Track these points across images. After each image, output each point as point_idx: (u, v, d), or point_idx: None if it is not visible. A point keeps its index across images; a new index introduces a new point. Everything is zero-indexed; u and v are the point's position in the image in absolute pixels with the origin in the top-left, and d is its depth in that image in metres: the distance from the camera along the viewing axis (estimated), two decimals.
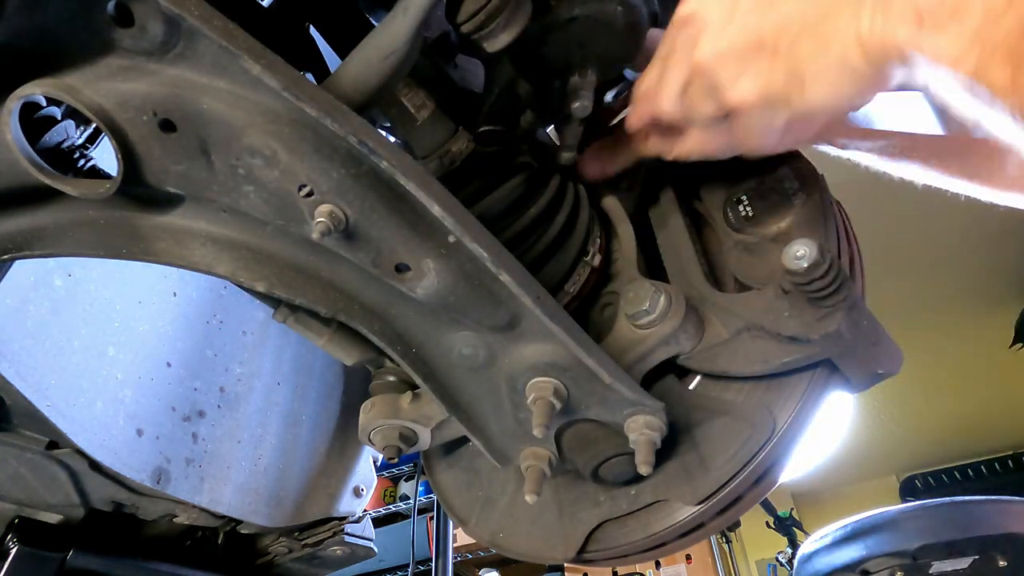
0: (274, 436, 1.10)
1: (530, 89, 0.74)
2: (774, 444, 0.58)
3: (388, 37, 0.53)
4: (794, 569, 2.26)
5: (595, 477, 0.61)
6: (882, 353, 0.57)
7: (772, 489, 0.63)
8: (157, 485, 0.88)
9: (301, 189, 0.48)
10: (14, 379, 0.73)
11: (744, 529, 4.80)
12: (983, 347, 4.35)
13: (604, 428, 0.59)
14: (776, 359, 0.57)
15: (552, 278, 0.67)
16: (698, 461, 0.61)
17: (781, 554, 3.63)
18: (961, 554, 1.80)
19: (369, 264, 0.52)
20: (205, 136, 0.48)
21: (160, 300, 0.97)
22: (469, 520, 0.76)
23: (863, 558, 1.92)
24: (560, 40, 0.65)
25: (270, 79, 0.44)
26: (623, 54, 0.69)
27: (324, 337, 0.64)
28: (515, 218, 0.67)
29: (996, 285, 3.92)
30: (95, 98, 0.46)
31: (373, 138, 0.46)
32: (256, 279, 0.55)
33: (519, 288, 0.51)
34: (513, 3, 0.59)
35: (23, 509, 0.87)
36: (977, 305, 4.11)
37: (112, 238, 0.55)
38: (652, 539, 0.64)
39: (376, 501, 3.84)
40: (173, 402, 0.95)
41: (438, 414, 0.63)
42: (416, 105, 0.61)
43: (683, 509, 0.62)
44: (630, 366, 0.60)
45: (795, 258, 0.50)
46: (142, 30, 0.44)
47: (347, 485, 1.20)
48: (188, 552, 1.07)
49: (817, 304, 0.53)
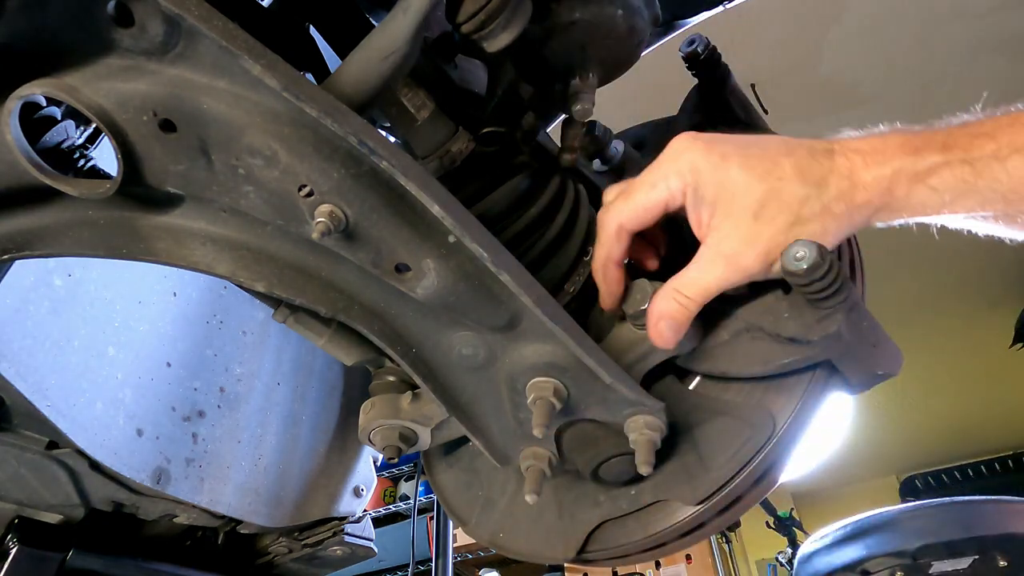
0: (274, 436, 1.10)
1: (532, 91, 0.74)
2: (774, 444, 0.59)
3: (388, 37, 0.53)
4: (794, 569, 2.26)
5: (595, 477, 0.61)
6: (882, 354, 0.57)
7: (772, 489, 0.63)
8: (157, 485, 0.88)
9: (301, 189, 0.48)
10: (14, 379, 0.73)
11: (744, 529, 4.79)
12: (983, 347, 4.35)
13: (604, 428, 0.59)
14: (776, 360, 0.57)
15: (552, 278, 0.67)
16: (698, 461, 0.61)
17: (781, 554, 3.63)
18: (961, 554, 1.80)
19: (369, 264, 0.52)
20: (205, 136, 0.48)
21: (160, 300, 0.97)
22: (469, 520, 0.76)
23: (863, 558, 1.92)
24: (561, 43, 0.65)
25: (270, 79, 0.44)
26: (624, 57, 0.69)
27: (324, 337, 0.64)
28: (515, 218, 0.67)
29: (996, 285, 3.92)
30: (95, 98, 0.46)
31: (373, 138, 0.46)
32: (256, 279, 0.55)
33: (519, 288, 0.51)
34: (513, 4, 0.59)
35: (23, 509, 0.87)
36: (977, 305, 4.11)
37: (112, 238, 0.55)
38: (652, 539, 0.64)
39: (376, 501, 3.84)
40: (173, 402, 0.95)
41: (438, 414, 0.63)
42: (416, 105, 0.61)
43: (683, 509, 0.62)
44: (630, 366, 0.60)
45: (795, 259, 0.50)
46: (142, 30, 0.44)
47: (347, 485, 1.20)
48: (188, 552, 1.07)
49: (817, 305, 0.53)
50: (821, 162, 0.53)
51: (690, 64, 0.81)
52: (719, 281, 0.54)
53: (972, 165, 0.50)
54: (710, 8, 1.18)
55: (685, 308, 0.55)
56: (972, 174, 0.50)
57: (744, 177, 0.53)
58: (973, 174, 0.50)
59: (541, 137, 0.78)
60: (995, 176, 0.49)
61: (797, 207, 0.52)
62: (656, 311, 0.56)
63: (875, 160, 0.52)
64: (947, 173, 0.50)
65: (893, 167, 0.51)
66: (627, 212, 0.58)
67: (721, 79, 0.82)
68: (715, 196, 0.54)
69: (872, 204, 0.52)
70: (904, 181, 0.51)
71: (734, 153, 0.54)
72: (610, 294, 0.62)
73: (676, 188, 0.55)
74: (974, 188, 0.50)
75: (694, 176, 0.54)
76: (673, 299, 0.56)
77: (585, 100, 0.67)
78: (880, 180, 0.51)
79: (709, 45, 0.81)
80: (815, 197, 0.52)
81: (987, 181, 0.49)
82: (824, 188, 0.52)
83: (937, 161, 0.50)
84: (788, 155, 0.54)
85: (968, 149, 0.50)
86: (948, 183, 0.50)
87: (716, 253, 0.54)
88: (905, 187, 0.51)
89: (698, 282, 0.55)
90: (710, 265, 0.54)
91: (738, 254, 0.53)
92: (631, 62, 0.73)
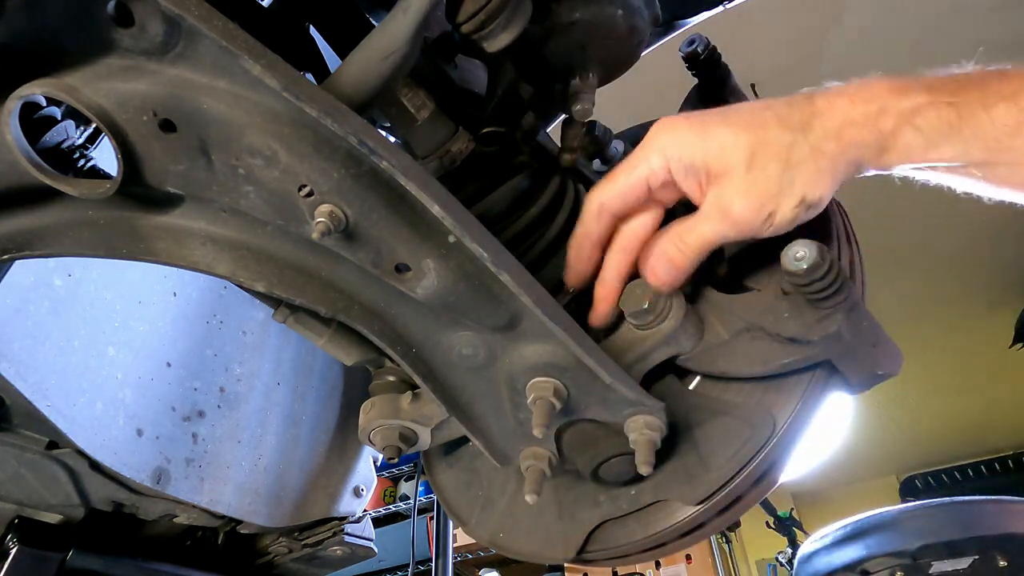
0: (274, 436, 1.10)
1: (532, 91, 0.74)
2: (774, 444, 0.58)
3: (388, 37, 0.53)
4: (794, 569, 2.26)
5: (595, 477, 0.61)
6: (882, 354, 0.56)
7: (772, 489, 0.63)
8: (157, 485, 0.88)
9: (301, 189, 0.48)
10: (14, 379, 0.73)
11: (744, 529, 4.80)
12: (983, 347, 4.35)
13: (604, 428, 0.59)
14: (776, 360, 0.57)
15: (552, 278, 0.67)
16: (698, 461, 0.61)
17: (781, 554, 3.63)
18: (961, 554, 1.80)
19: (369, 264, 0.52)
20: (205, 136, 0.48)
21: (160, 300, 0.97)
22: (469, 520, 0.76)
23: (863, 558, 1.92)
24: (561, 43, 0.65)
25: (270, 79, 0.44)
26: (624, 57, 0.69)
27: (324, 337, 0.64)
28: (515, 218, 0.67)
29: (996, 285, 3.92)
30: (95, 98, 0.46)
31: (373, 138, 0.46)
32: (256, 279, 0.55)
33: (519, 288, 0.51)
34: (513, 4, 0.59)
35: (23, 509, 0.87)
36: (977, 305, 4.11)
37: (112, 238, 0.55)
38: (652, 539, 0.64)
39: (376, 501, 3.84)
40: (173, 402, 0.95)
41: (438, 414, 0.63)
42: (416, 105, 0.61)
43: (683, 509, 0.62)
44: (630, 366, 0.60)
45: (795, 259, 0.50)
46: (142, 30, 0.44)
47: (347, 485, 1.20)
48: (188, 552, 1.07)
49: (817, 305, 0.53)
50: (801, 107, 0.54)
51: (690, 64, 0.81)
52: (716, 233, 0.55)
53: (957, 109, 0.50)
54: (710, 8, 1.18)
55: (683, 254, 0.57)
56: (956, 118, 0.50)
57: (729, 132, 0.54)
58: (958, 118, 0.50)
59: (541, 137, 0.78)
60: (979, 123, 0.49)
61: (785, 153, 0.52)
62: (658, 250, 0.58)
63: (861, 98, 0.52)
64: (932, 113, 0.50)
65: (879, 104, 0.51)
66: (608, 192, 0.59)
67: (721, 79, 0.82)
68: (705, 159, 0.54)
69: (862, 142, 0.52)
70: (891, 118, 0.51)
71: (713, 117, 0.56)
72: (577, 273, 0.63)
73: (657, 165, 0.56)
74: (959, 133, 0.50)
75: (678, 148, 0.55)
76: (673, 244, 0.57)
77: (585, 100, 0.67)
78: (868, 116, 0.52)
79: (709, 45, 0.81)
80: (802, 140, 0.52)
81: (971, 128, 0.50)
82: (809, 130, 0.53)
83: (922, 101, 0.51)
84: (767, 108, 0.55)
85: (955, 93, 0.50)
86: (933, 123, 0.50)
87: (714, 207, 0.55)
88: (892, 123, 0.51)
89: (696, 230, 0.56)
90: (707, 218, 0.55)
91: (734, 206, 0.54)
92: (631, 62, 0.73)
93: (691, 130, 0.55)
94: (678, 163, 0.55)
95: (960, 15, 2.52)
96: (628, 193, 0.58)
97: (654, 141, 0.57)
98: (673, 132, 0.56)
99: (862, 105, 0.52)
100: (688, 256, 0.57)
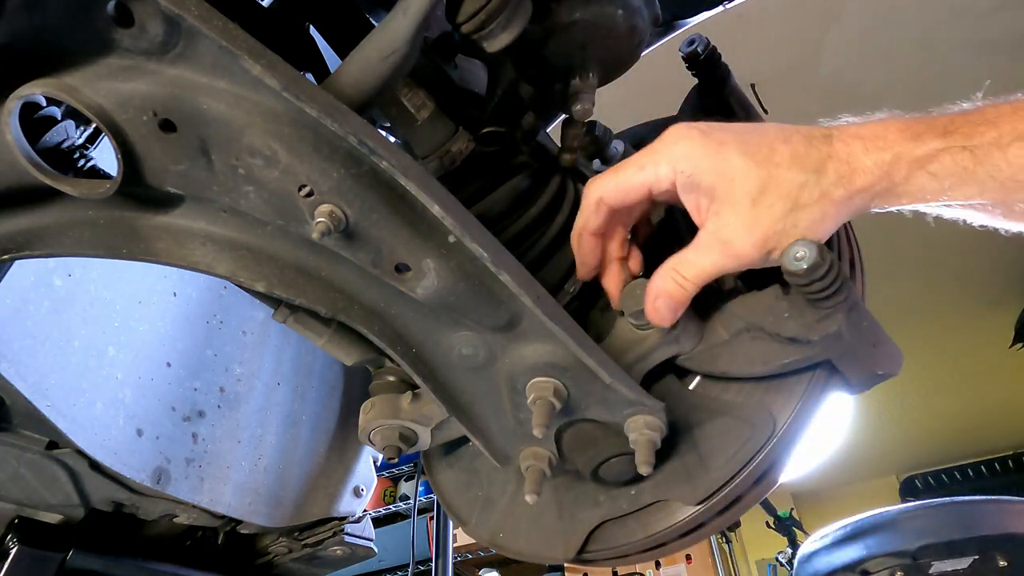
0: (274, 436, 1.10)
1: (532, 91, 0.74)
2: (774, 444, 0.58)
3: (388, 37, 0.53)
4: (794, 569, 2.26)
5: (595, 477, 0.61)
6: (882, 354, 0.56)
7: (772, 489, 0.63)
8: (157, 485, 0.88)
9: (301, 189, 0.48)
10: (14, 379, 0.73)
11: (744, 529, 4.80)
12: (983, 347, 4.35)
13: (604, 428, 0.59)
14: (776, 360, 0.57)
15: (552, 278, 0.67)
16: (698, 461, 0.61)
17: (781, 554, 3.62)
18: (961, 554, 1.80)
19: (369, 264, 0.52)
20: (205, 136, 0.48)
21: (160, 300, 0.97)
22: (469, 520, 0.76)
23: (863, 558, 1.92)
24: (561, 43, 0.65)
25: (270, 79, 0.44)
26: (624, 57, 0.69)
27: (324, 337, 0.64)
28: (515, 218, 0.67)
29: (996, 285, 3.92)
30: (95, 98, 0.46)
31: (373, 138, 0.46)
32: (256, 279, 0.55)
33: (519, 288, 0.51)
34: (513, 4, 0.59)
35: (23, 509, 0.87)
36: (977, 305, 4.11)
37: (112, 238, 0.55)
38: (652, 539, 0.64)
39: (376, 501, 3.84)
40: (173, 402, 0.95)
41: (438, 414, 0.63)
42: (416, 105, 0.61)
43: (683, 509, 0.62)
44: (630, 366, 0.60)
45: (795, 259, 0.50)
46: (142, 30, 0.44)
47: (347, 485, 1.20)
48: (188, 552, 1.07)
49: (817, 305, 0.53)
50: (819, 148, 0.53)
51: (690, 64, 0.81)
52: (715, 266, 0.55)
53: (972, 152, 0.49)
54: (710, 8, 1.18)
55: (682, 288, 0.56)
56: (972, 161, 0.49)
57: (743, 163, 0.53)
58: (973, 161, 0.49)
59: (541, 137, 0.78)
60: (995, 163, 0.49)
61: (796, 193, 0.52)
62: (655, 289, 0.57)
63: (875, 145, 0.52)
64: (947, 159, 0.50)
65: (893, 152, 0.51)
66: (609, 186, 0.59)
67: (721, 79, 0.82)
68: (713, 182, 0.54)
69: (872, 189, 0.52)
70: (904, 166, 0.51)
71: (731, 140, 0.54)
72: (584, 264, 0.63)
73: (664, 174, 0.56)
74: (973, 175, 0.50)
75: (689, 164, 0.54)
76: (671, 278, 0.56)
77: (585, 100, 0.67)
78: (880, 165, 0.51)
79: (709, 45, 0.81)
80: (813, 183, 0.52)
81: (987, 168, 0.49)
82: (822, 174, 0.52)
83: (937, 147, 0.50)
84: (785, 142, 0.54)
85: (969, 136, 0.50)
86: (948, 169, 0.50)
87: (715, 238, 0.54)
88: (905, 172, 0.51)
89: (695, 264, 0.55)
90: (708, 249, 0.55)
91: (736, 240, 0.53)
92: (631, 62, 0.73)
93: (707, 148, 0.54)
94: (686, 178, 0.55)
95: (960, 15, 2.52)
96: (629, 192, 0.58)
97: (668, 149, 0.56)
98: (688, 145, 0.55)
99: (876, 153, 0.51)
100: (688, 290, 0.56)
